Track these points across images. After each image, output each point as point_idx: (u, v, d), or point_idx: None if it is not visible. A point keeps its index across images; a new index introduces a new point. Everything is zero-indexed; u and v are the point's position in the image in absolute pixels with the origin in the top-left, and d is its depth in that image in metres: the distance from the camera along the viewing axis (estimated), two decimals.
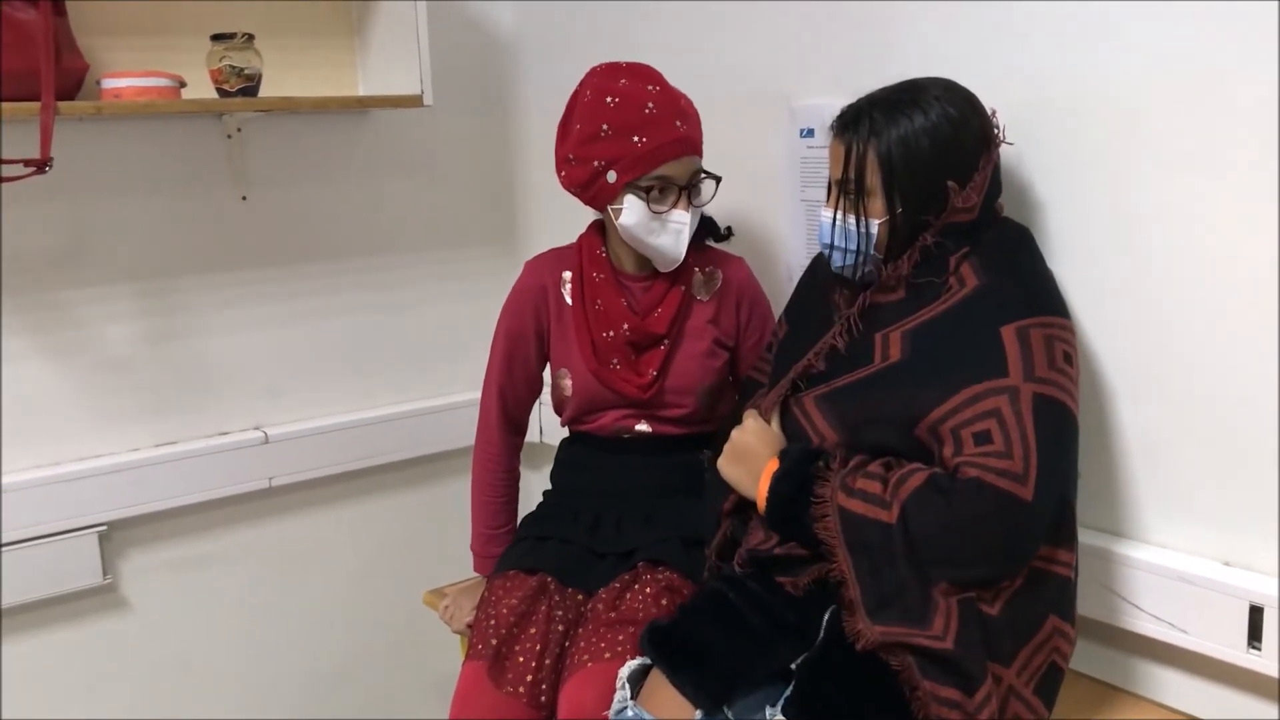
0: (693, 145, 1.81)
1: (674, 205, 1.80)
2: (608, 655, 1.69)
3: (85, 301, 2.19)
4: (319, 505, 2.54)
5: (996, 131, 1.56)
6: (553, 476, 2.06)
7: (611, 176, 1.79)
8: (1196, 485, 1.58)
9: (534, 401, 2.07)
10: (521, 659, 1.77)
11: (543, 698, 1.75)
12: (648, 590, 1.79)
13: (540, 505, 2.05)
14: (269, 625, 2.52)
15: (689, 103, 1.84)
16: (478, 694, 1.75)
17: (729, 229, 1.99)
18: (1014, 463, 1.37)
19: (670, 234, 1.82)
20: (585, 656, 1.71)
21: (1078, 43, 1.61)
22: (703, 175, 1.84)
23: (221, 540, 2.42)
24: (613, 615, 1.75)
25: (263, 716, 2.53)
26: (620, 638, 1.71)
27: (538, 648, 1.77)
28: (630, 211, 1.80)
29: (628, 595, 1.79)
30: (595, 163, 1.79)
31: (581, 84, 1.85)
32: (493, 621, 1.81)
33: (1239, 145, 1.46)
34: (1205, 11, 1.47)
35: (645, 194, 1.79)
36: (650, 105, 1.77)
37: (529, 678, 1.75)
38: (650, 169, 1.78)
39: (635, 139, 1.76)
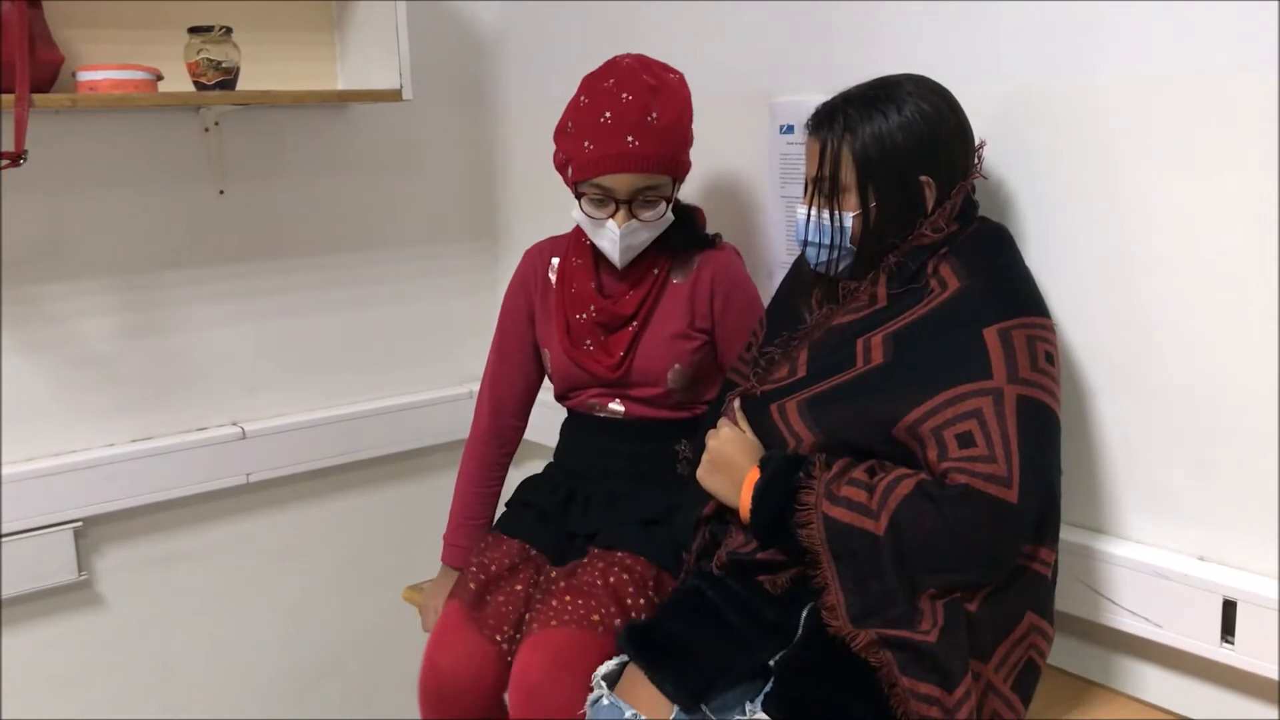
0: (641, 162, 1.77)
1: (610, 216, 1.81)
2: (554, 623, 1.73)
3: (60, 296, 2.17)
4: (297, 501, 2.53)
5: (977, 163, 1.58)
6: (555, 449, 2.09)
7: (569, 172, 1.84)
8: (1173, 481, 1.59)
9: (528, 392, 2.08)
10: (505, 609, 1.82)
11: (509, 658, 1.78)
12: (599, 565, 1.82)
13: (543, 470, 2.08)
14: (247, 622, 2.50)
15: (667, 120, 1.78)
16: (455, 631, 1.80)
17: (718, 236, 1.97)
18: (998, 466, 1.38)
19: (607, 240, 1.84)
20: (535, 625, 1.75)
21: (1056, 40, 1.62)
22: (650, 193, 1.81)
23: (199, 536, 2.41)
24: (563, 585, 1.80)
25: (241, 714, 2.52)
26: (569, 606, 1.74)
27: (519, 603, 1.82)
28: (577, 209, 1.85)
29: (578, 570, 1.83)
30: (561, 155, 1.86)
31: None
32: (476, 569, 1.87)
33: (1220, 142, 1.47)
34: (1183, 8, 1.47)
35: (582, 198, 1.82)
36: (607, 114, 1.76)
37: (506, 628, 1.80)
38: (588, 176, 1.79)
39: (585, 144, 1.78)
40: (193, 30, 2.09)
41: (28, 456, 2.17)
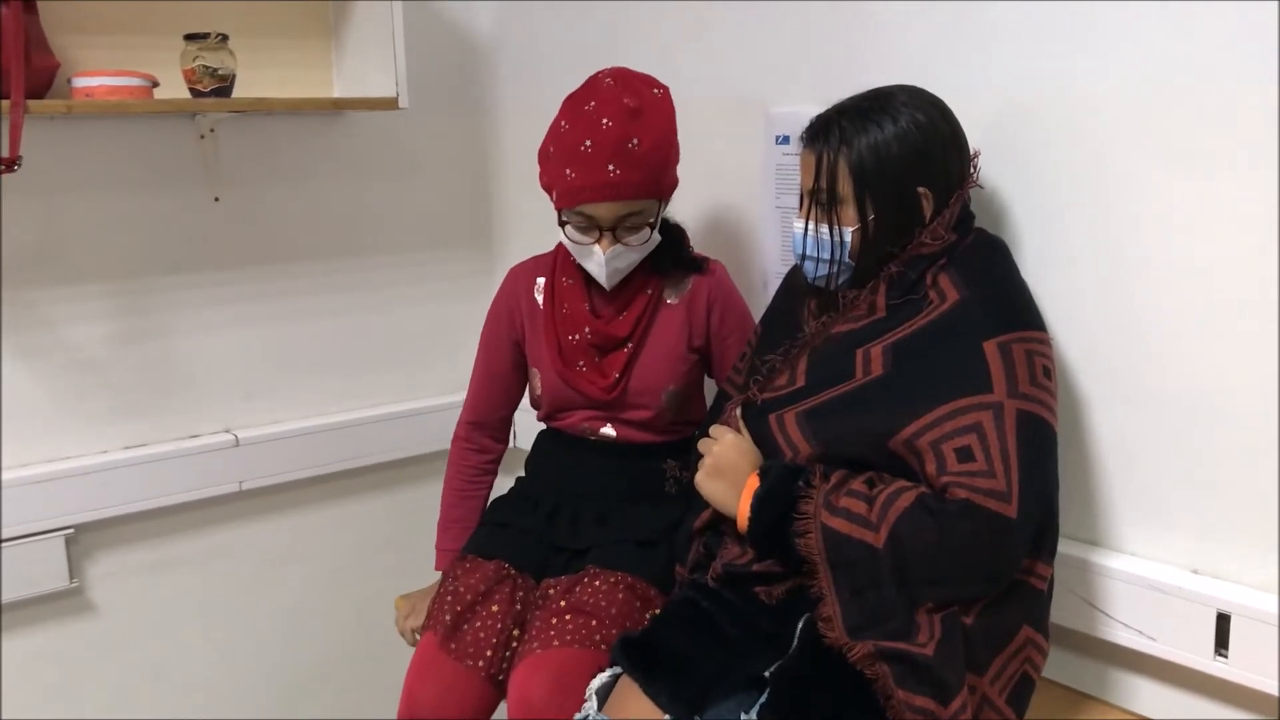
0: (623, 191, 1.76)
1: (595, 242, 1.81)
2: (556, 643, 1.71)
3: (55, 301, 2.16)
4: (290, 509, 2.53)
5: (973, 172, 1.58)
6: (526, 464, 2.09)
7: (554, 196, 1.83)
8: (1167, 493, 1.59)
9: (508, 409, 2.09)
10: (483, 635, 1.80)
11: (500, 676, 1.77)
12: (597, 583, 1.80)
13: (510, 490, 2.08)
14: (239, 630, 2.50)
15: (648, 144, 1.76)
16: (433, 663, 1.79)
17: (705, 260, 1.96)
18: (997, 481, 1.38)
19: (593, 264, 1.84)
20: (535, 644, 1.73)
21: (1052, 49, 1.62)
22: (634, 219, 1.80)
23: (191, 544, 2.40)
24: (563, 604, 1.78)
25: None
26: (570, 625, 1.73)
27: (499, 625, 1.80)
28: (563, 232, 1.85)
29: (576, 589, 1.81)
30: (545, 177, 1.85)
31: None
32: (449, 598, 1.85)
33: (1214, 150, 1.47)
34: (1178, 16, 1.48)
35: (567, 224, 1.82)
36: (588, 143, 1.74)
37: (489, 653, 1.78)
38: (570, 205, 1.79)
39: (567, 172, 1.77)
40: (189, 37, 2.09)
41: (20, 463, 2.16)
